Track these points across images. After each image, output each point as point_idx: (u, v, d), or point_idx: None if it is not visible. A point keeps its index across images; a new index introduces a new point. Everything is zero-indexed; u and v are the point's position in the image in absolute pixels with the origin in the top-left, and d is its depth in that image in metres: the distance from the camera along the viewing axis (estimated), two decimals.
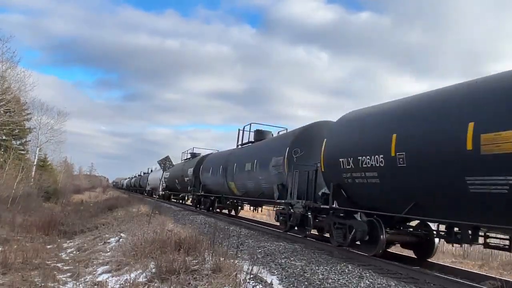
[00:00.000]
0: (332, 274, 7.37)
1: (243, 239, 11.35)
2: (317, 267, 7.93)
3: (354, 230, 9.25)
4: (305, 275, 7.28)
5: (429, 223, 9.09)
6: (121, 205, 27.46)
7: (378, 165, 8.50)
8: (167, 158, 17.51)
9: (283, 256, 9.10)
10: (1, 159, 29.59)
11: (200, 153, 30.19)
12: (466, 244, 9.27)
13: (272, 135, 18.67)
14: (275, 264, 8.21)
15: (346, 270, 7.75)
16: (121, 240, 12.46)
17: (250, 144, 19.38)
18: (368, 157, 8.79)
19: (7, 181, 27.07)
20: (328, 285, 6.65)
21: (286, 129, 17.73)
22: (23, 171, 30.37)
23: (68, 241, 16.39)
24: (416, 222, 9.53)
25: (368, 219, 9.07)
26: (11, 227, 17.57)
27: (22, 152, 38.31)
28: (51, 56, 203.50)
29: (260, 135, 18.88)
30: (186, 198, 31.90)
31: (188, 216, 19.44)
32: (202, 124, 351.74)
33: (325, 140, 10.81)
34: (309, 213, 11.57)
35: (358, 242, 9.49)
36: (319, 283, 6.74)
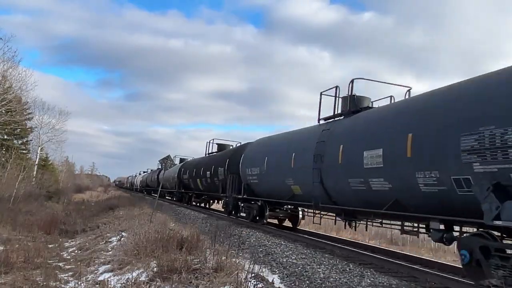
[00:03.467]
0: (333, 273, 7.38)
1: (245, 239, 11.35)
2: (318, 266, 7.94)
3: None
4: (306, 274, 7.29)
5: None
6: (123, 205, 27.48)
7: None
8: (168, 157, 17.56)
9: (284, 255, 9.11)
10: (3, 159, 29.62)
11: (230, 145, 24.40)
12: None
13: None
14: (276, 263, 8.22)
15: (347, 269, 7.75)
16: (122, 239, 12.48)
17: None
18: None
19: (8, 181, 27.10)
20: (330, 284, 6.66)
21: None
22: (24, 170, 30.37)
23: (69, 240, 16.41)
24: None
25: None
26: (12, 227, 17.59)
27: (24, 151, 38.32)
28: (54, 57, 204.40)
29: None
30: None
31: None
32: (203, 123, 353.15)
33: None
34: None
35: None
36: (320, 282, 6.74)
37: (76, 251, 13.78)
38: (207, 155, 25.67)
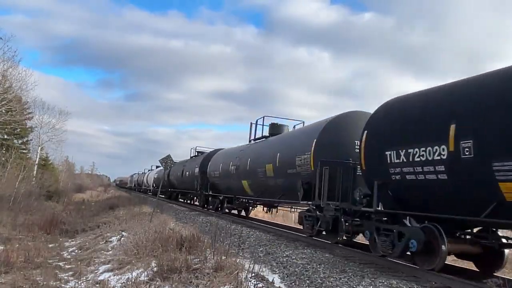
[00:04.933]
0: (334, 273, 7.37)
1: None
2: (318, 266, 7.92)
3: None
4: (307, 273, 7.28)
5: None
6: (123, 204, 27.49)
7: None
8: (168, 157, 17.56)
9: (284, 255, 9.10)
10: (3, 158, 29.60)
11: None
12: None
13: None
14: (277, 263, 8.22)
15: (348, 269, 7.74)
16: (122, 239, 12.47)
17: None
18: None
19: (8, 180, 27.08)
20: (330, 283, 6.64)
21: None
22: (24, 170, 30.33)
23: (69, 240, 16.42)
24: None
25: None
26: (13, 226, 17.60)
27: (24, 151, 38.31)
28: (55, 57, 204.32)
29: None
30: (194, 198, 28.59)
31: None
32: (203, 124, 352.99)
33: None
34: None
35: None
36: (320, 281, 6.73)
37: (76, 251, 13.78)
38: None
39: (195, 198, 27.97)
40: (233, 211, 20.74)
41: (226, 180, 19.38)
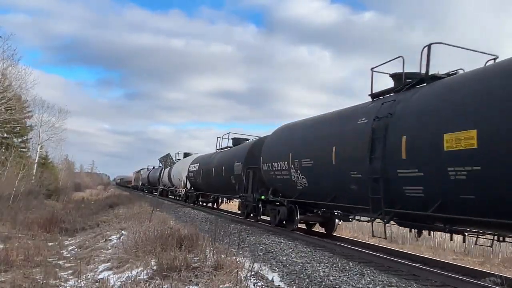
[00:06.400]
0: (333, 271, 7.37)
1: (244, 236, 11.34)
2: (318, 264, 7.93)
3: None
4: (306, 272, 7.28)
5: None
6: (122, 203, 27.50)
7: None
8: (168, 156, 17.60)
9: (284, 254, 9.10)
10: (3, 157, 29.59)
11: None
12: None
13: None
14: (276, 261, 8.22)
15: (347, 267, 7.75)
16: (122, 237, 12.47)
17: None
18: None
19: (8, 179, 27.08)
20: (329, 282, 6.65)
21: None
22: (24, 168, 30.32)
23: (69, 239, 16.40)
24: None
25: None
26: (12, 225, 17.60)
27: (23, 149, 38.31)
28: (55, 56, 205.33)
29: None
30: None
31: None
32: (203, 122, 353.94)
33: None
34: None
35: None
36: (320, 280, 6.74)
37: (76, 249, 13.77)
38: None
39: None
40: None
41: None
